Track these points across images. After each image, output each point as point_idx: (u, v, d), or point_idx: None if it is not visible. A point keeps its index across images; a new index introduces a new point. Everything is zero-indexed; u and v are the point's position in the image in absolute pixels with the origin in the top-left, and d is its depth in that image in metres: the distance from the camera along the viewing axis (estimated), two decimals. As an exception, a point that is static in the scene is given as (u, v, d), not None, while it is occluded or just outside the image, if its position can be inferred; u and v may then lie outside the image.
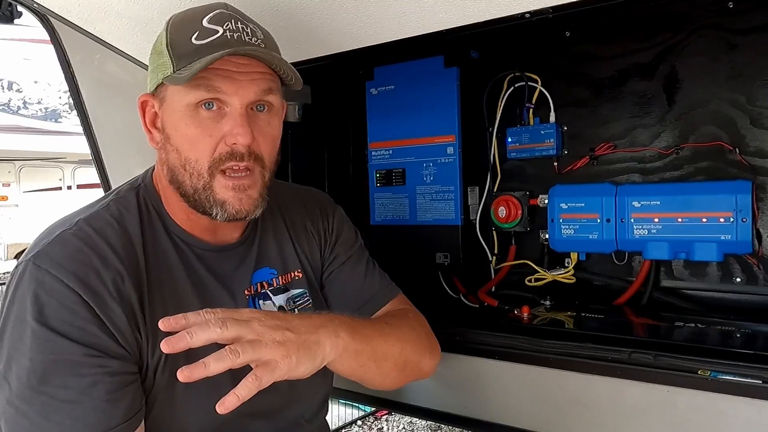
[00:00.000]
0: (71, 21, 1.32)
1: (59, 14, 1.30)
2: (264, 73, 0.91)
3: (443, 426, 2.95)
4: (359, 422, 3.40)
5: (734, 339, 1.15)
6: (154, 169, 1.01)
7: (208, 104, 0.88)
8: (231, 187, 0.90)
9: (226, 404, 0.76)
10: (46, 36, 1.44)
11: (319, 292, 1.11)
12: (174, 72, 0.87)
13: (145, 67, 1.43)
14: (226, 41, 0.87)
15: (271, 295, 1.04)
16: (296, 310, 1.06)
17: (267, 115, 0.93)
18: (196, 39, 0.88)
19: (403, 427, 3.16)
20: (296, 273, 1.09)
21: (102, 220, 0.91)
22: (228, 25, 0.89)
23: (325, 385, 1.12)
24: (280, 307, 1.04)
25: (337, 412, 3.09)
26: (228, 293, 0.98)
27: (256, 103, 0.91)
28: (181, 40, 0.89)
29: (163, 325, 0.76)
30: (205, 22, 0.89)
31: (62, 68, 1.48)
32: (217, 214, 0.91)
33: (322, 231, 1.15)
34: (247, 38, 0.89)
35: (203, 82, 0.86)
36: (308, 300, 1.08)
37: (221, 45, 0.87)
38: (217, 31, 0.88)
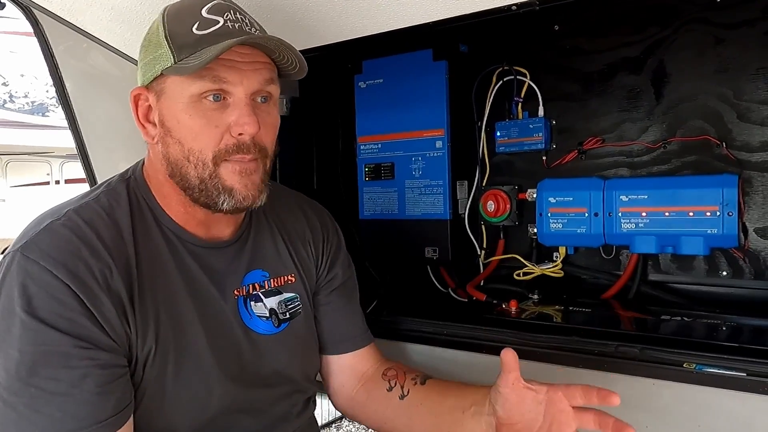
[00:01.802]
0: (54, 12, 1.29)
1: (41, 5, 1.28)
2: (266, 62, 0.91)
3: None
4: (349, 417, 3.40)
5: (720, 332, 1.16)
6: (143, 163, 1.00)
7: (215, 96, 0.88)
8: (238, 171, 0.90)
9: None
10: (31, 28, 1.42)
11: (309, 300, 1.11)
12: (176, 62, 0.86)
13: (130, 59, 1.42)
14: (229, 31, 0.87)
15: (262, 297, 1.03)
16: (288, 313, 1.06)
17: (268, 105, 0.93)
18: (197, 29, 0.87)
19: (393, 422, 3.16)
20: (290, 277, 1.08)
21: (92, 211, 0.90)
22: (228, 15, 0.88)
23: (313, 383, 1.13)
24: (272, 310, 1.03)
25: (327, 407, 3.09)
26: (218, 291, 0.98)
27: (259, 94, 0.91)
28: (180, 30, 0.87)
29: None
30: (204, 13, 0.88)
31: (46, 61, 1.46)
32: (224, 201, 0.91)
33: (321, 247, 1.15)
34: (247, 28, 0.89)
35: (208, 73, 0.86)
36: (299, 305, 1.08)
37: (225, 35, 0.86)
38: (218, 21, 0.87)
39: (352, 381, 1.15)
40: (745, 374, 0.97)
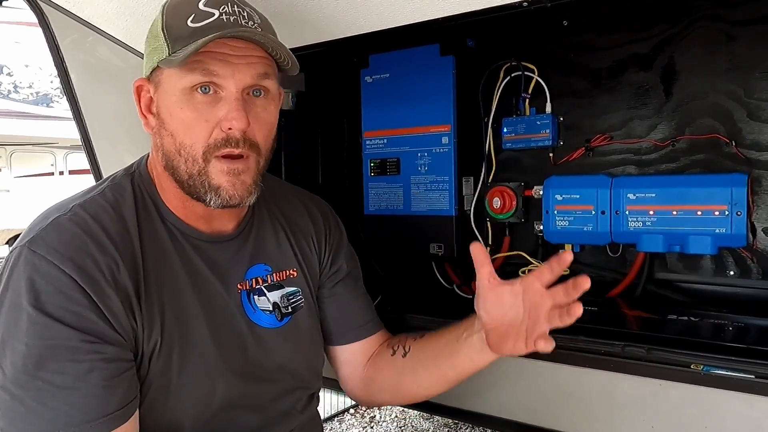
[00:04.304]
0: (58, 4, 1.29)
1: (47, -4, 1.28)
2: (260, 57, 0.90)
3: (435, 416, 2.97)
4: (351, 410, 3.41)
5: (727, 333, 1.15)
6: (148, 156, 1.00)
7: (204, 88, 0.87)
8: (226, 171, 0.89)
9: None
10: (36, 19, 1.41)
11: (312, 294, 1.11)
12: (169, 55, 0.86)
13: (135, 52, 1.41)
14: (222, 24, 0.86)
15: (265, 291, 1.03)
16: (290, 307, 1.06)
17: (263, 100, 0.92)
18: (191, 22, 0.86)
19: (396, 416, 3.17)
20: (291, 271, 1.08)
21: (98, 206, 0.90)
22: (224, 8, 0.88)
23: (317, 378, 1.13)
24: (275, 304, 1.03)
25: (330, 400, 3.10)
26: (222, 285, 0.98)
27: (252, 88, 0.90)
28: (176, 23, 0.87)
29: None
30: (201, 5, 0.88)
31: (51, 52, 1.45)
32: (211, 199, 0.90)
33: (324, 241, 1.15)
34: (243, 22, 0.88)
35: (199, 66, 0.85)
36: (301, 299, 1.08)
37: (217, 28, 0.85)
38: (213, 14, 0.87)
39: (362, 365, 1.16)
40: (753, 376, 0.96)
